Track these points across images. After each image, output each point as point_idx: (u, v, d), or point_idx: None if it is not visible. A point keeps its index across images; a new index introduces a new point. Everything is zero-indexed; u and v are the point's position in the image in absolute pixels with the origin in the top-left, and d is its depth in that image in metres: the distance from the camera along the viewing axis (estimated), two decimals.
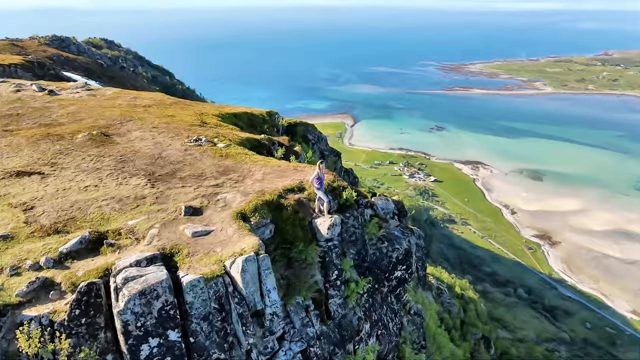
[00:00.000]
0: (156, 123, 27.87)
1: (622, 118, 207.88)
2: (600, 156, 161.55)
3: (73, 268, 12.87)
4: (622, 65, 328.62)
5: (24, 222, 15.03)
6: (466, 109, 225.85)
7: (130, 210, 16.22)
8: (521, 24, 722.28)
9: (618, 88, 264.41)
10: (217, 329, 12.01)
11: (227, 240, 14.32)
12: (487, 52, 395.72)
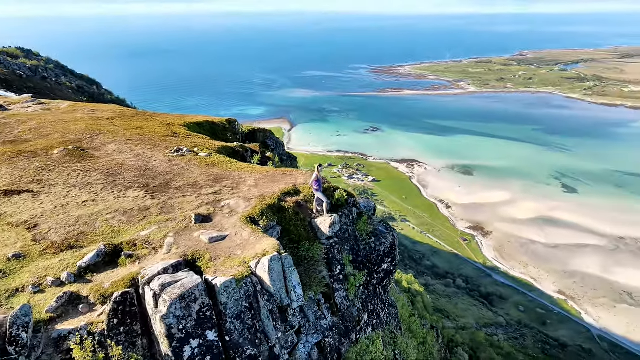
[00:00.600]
0: (128, 135, 27.67)
1: (539, 113, 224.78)
2: (522, 149, 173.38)
3: (96, 281, 13.23)
4: (535, 65, 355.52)
5: (32, 240, 15.02)
6: (398, 109, 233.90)
7: (138, 222, 16.60)
8: (443, 27, 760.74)
9: (533, 85, 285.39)
10: (249, 327, 12.78)
11: (244, 244, 15.09)
12: (415, 55, 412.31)
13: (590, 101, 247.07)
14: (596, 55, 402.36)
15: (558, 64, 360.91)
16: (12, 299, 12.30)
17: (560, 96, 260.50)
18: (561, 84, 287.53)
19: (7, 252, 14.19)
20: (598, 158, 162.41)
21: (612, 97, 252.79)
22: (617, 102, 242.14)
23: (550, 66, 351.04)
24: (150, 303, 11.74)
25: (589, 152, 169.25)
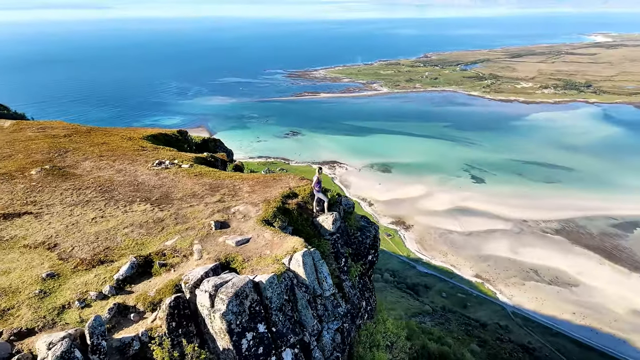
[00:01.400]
0: (97, 152, 27.36)
1: (446, 110, 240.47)
2: (434, 145, 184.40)
3: (137, 291, 13.81)
4: (439, 66, 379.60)
5: (59, 259, 15.18)
6: (317, 112, 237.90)
7: (158, 233, 17.05)
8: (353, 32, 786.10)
9: (439, 85, 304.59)
10: (289, 317, 13.99)
11: (270, 244, 16.22)
12: (328, 58, 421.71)
13: (489, 98, 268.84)
14: (491, 56, 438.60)
15: (459, 64, 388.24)
16: (63, 316, 12.65)
17: (464, 94, 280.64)
18: (463, 82, 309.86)
19: (39, 273, 14.34)
20: (500, 149, 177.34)
21: (507, 93, 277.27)
22: (512, 98, 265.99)
23: (452, 66, 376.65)
24: (205, 304, 12.69)
25: (492, 144, 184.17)
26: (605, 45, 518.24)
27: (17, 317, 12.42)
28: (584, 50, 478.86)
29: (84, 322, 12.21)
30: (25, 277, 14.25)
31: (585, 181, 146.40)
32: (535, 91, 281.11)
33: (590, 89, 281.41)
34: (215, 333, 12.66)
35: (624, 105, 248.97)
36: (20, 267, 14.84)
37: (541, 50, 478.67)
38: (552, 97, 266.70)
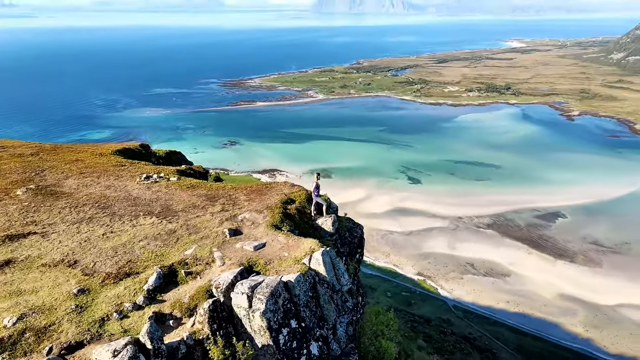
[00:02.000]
0: (76, 169, 26.61)
1: (381, 115, 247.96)
2: (371, 149, 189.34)
3: (169, 299, 14.44)
4: (371, 72, 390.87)
5: (84, 275, 15.41)
6: (254, 121, 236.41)
7: (174, 244, 17.54)
8: (288, 40, 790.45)
9: (372, 90, 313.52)
10: (314, 313, 15.13)
11: (285, 246, 17.22)
12: (263, 67, 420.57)
13: (420, 102, 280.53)
14: (419, 62, 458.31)
15: (390, 70, 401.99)
16: (105, 327, 13.13)
17: (396, 99, 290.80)
18: (395, 87, 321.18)
19: (68, 289, 14.62)
20: (433, 150, 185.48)
21: (436, 97, 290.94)
22: (441, 101, 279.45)
23: (384, 72, 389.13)
24: (242, 305, 13.73)
25: (425, 146, 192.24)
26: (520, 50, 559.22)
27: (60, 332, 12.75)
28: (502, 55, 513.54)
29: (127, 332, 12.97)
30: (55, 295, 14.52)
31: (511, 177, 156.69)
32: (461, 94, 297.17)
33: (510, 91, 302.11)
34: (254, 331, 13.74)
35: (540, 105, 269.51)
36: (47, 285, 15.03)
37: (464, 55, 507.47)
38: (477, 99, 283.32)
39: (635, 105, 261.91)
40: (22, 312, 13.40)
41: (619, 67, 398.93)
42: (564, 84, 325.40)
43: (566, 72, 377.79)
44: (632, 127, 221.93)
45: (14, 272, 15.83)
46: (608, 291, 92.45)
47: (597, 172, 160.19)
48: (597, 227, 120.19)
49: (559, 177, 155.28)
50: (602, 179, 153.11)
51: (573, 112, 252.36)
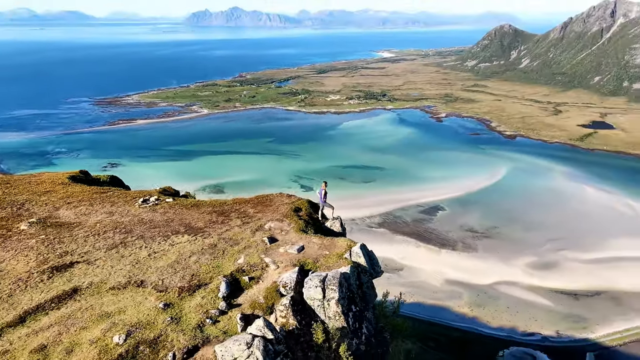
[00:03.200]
0: (55, 200, 25.70)
1: (268, 126, 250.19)
2: (262, 161, 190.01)
3: (244, 302, 15.89)
4: (255, 84, 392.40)
5: (158, 292, 16.11)
6: (136, 140, 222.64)
7: (222, 255, 18.84)
8: (166, 54, 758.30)
9: (258, 102, 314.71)
10: (361, 297, 17.33)
11: (322, 246, 19.45)
12: (141, 83, 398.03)
13: (305, 111, 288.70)
14: (300, 72, 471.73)
15: (273, 81, 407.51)
16: (206, 332, 14.36)
17: (282, 109, 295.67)
18: (279, 99, 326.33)
19: (153, 305, 15.43)
20: (322, 158, 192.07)
21: (320, 106, 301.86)
22: (325, 110, 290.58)
23: (267, 84, 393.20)
24: (316, 296, 15.89)
25: (314, 154, 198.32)
26: (391, 60, 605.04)
27: (171, 341, 13.73)
28: (375, 64, 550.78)
29: (226, 332, 14.43)
30: (144, 311, 15.28)
31: (395, 177, 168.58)
32: (343, 102, 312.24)
33: (386, 98, 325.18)
34: (328, 318, 15.99)
35: (412, 109, 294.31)
36: (130, 305, 15.70)
37: (342, 66, 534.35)
38: (358, 106, 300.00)
39: (489, 105, 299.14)
40: (127, 330, 14.26)
41: (473, 73, 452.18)
42: (431, 90, 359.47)
43: (431, 79, 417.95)
44: (489, 125, 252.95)
45: (87, 298, 16.28)
46: (485, 272, 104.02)
47: (466, 167, 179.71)
48: (471, 216, 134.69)
49: (436, 174, 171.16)
50: (471, 173, 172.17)
51: (441, 114, 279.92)
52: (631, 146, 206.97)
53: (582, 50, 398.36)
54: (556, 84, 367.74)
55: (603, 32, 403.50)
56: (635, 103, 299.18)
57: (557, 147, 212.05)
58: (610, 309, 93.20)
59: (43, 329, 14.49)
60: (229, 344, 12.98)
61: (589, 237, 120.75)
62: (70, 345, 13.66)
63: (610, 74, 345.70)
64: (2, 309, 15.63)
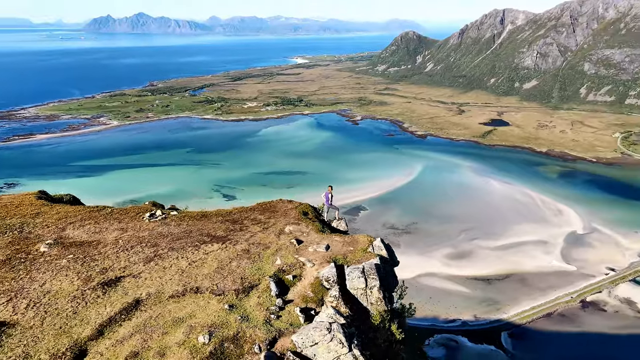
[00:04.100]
0: (55, 220, 25.33)
1: (185, 135, 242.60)
2: (181, 171, 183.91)
3: (294, 297, 17.74)
4: (168, 93, 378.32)
5: (216, 295, 17.45)
6: (37, 157, 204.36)
7: (259, 259, 19.90)
8: (66, 63, 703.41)
9: (172, 112, 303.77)
10: (387, 284, 19.68)
11: (346, 243, 21.72)
12: (38, 94, 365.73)
13: (222, 119, 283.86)
14: (215, 80, 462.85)
15: (187, 90, 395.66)
16: (275, 325, 15.77)
17: (198, 118, 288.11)
18: (195, 107, 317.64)
19: (219, 307, 16.37)
20: (243, 165, 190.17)
21: (237, 113, 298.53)
22: (242, 117, 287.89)
23: (181, 93, 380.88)
24: (359, 286, 18.19)
25: (234, 162, 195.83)
26: (305, 66, 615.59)
27: (250, 336, 15.11)
28: (290, 71, 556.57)
29: (292, 324, 15.94)
30: (213, 313, 16.32)
31: (317, 180, 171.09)
32: (260, 109, 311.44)
33: (303, 103, 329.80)
34: (371, 304, 18.20)
35: (329, 113, 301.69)
36: (198, 309, 16.62)
37: (257, 73, 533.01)
38: (275, 112, 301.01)
39: (401, 107, 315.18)
40: (208, 330, 15.30)
41: (384, 77, 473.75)
42: (346, 94, 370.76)
43: (345, 83, 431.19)
44: (402, 126, 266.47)
45: (152, 307, 16.84)
46: (408, 266, 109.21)
47: (383, 167, 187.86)
48: (391, 214, 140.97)
49: (356, 175, 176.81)
50: (388, 172, 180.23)
51: (356, 117, 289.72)
52: (525, 140, 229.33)
53: (478, 55, 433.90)
54: (458, 85, 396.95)
55: (495, 37, 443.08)
56: (526, 101, 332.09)
57: (463, 144, 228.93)
58: (518, 290, 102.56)
59: (126, 338, 15.28)
60: (308, 332, 14.67)
61: (496, 225, 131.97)
62: (160, 349, 14.71)
63: (504, 75, 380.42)
64: (74, 325, 15.89)
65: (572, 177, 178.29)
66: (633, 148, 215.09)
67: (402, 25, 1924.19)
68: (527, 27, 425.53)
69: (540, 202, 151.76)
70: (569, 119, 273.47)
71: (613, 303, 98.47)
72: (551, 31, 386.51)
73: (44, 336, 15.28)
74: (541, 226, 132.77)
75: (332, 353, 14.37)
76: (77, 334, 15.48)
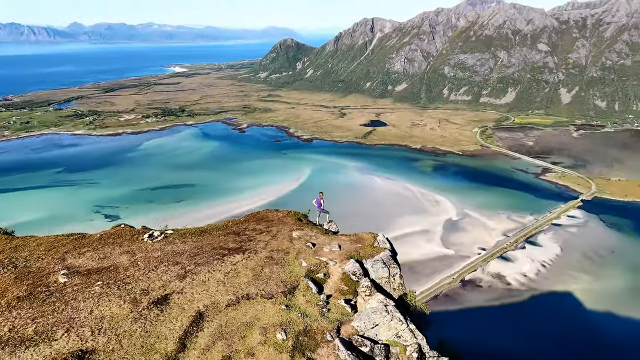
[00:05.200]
0: (44, 250, 24.18)
1: (54, 154, 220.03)
2: (53, 194, 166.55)
3: (331, 291, 19.98)
4: (27, 108, 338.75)
5: (267, 299, 18.79)
6: None
7: (286, 264, 21.94)
8: None
9: (34, 129, 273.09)
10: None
11: (353, 241, 24.49)
12: None
13: (97, 134, 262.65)
14: (84, 92, 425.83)
15: (51, 104, 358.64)
16: (331, 317, 18.02)
17: (67, 134, 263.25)
18: (63, 122, 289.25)
19: (277, 308, 18.12)
20: (125, 182, 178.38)
21: (114, 127, 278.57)
22: (120, 131, 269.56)
23: (44, 107, 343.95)
24: (383, 275, 21.05)
25: (115, 179, 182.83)
26: (184, 75, 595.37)
27: (318, 328, 16.93)
28: (168, 80, 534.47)
29: (343, 315, 18.09)
30: (275, 314, 17.59)
31: (207, 192, 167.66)
32: (139, 121, 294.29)
33: (185, 113, 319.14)
34: (393, 289, 21.06)
35: (214, 122, 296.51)
36: (259, 313, 17.75)
37: (132, 83, 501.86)
38: (157, 124, 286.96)
39: (285, 113, 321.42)
40: (284, 328, 16.81)
41: (266, 84, 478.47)
42: (230, 102, 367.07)
43: (228, 91, 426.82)
44: (288, 131, 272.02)
45: (215, 317, 17.59)
46: None
47: (274, 173, 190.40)
48: None
49: (247, 183, 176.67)
50: (279, 178, 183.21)
51: (242, 125, 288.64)
52: (401, 139, 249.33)
53: (353, 60, 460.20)
54: (337, 90, 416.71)
55: (367, 44, 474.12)
56: (399, 103, 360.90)
57: (347, 145, 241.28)
58: (408, 279, 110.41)
59: (210, 346, 16.03)
60: (368, 316, 17.16)
61: (383, 220, 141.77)
62: (247, 350, 15.83)
63: (378, 79, 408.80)
64: (155, 342, 16.09)
65: (444, 170, 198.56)
66: (490, 140, 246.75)
67: (279, 32, 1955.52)
68: (394, 34, 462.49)
69: (419, 194, 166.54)
70: (437, 117, 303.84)
71: (487, 279, 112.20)
72: (415, 38, 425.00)
73: (132, 356, 15.54)
74: (422, 217, 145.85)
75: (392, 330, 16.87)
76: (163, 349, 15.89)
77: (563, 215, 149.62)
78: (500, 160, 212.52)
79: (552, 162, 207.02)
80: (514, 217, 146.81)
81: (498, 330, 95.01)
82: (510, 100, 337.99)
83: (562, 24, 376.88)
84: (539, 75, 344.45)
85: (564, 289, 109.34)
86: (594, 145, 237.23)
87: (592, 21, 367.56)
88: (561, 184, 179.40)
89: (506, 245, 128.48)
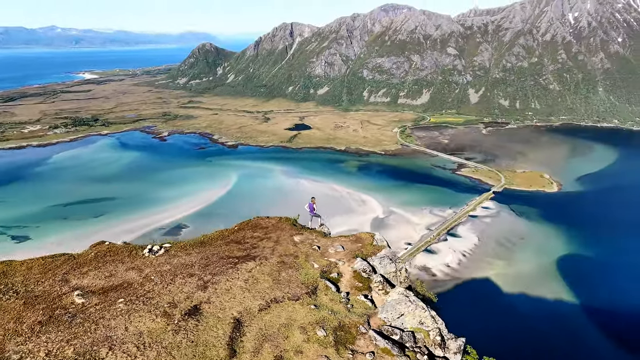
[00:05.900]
0: (41, 273, 22.83)
1: None
2: None
3: (348, 288, 21.42)
4: None
5: (294, 301, 19.78)
6: None
7: (299, 267, 22.82)
8: None
9: None
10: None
11: (353, 242, 26.43)
12: None
13: None
14: None
15: None
16: (357, 312, 19.29)
17: None
18: None
19: (307, 309, 19.13)
20: (33, 200, 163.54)
21: (16, 139, 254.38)
22: (24, 144, 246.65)
23: None
24: (390, 270, 22.74)
25: (21, 197, 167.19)
26: (96, 82, 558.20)
27: (349, 322, 18.30)
28: (78, 87, 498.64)
29: (366, 309, 19.53)
30: (307, 314, 18.77)
31: (129, 205, 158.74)
32: (46, 132, 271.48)
33: (99, 122, 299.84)
34: (400, 282, 22.35)
35: (132, 131, 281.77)
36: (291, 314, 18.81)
37: (35, 91, 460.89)
38: (67, 135, 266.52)
39: (208, 120, 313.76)
40: (321, 325, 17.74)
41: (186, 90, 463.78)
42: (148, 110, 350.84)
43: (146, 99, 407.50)
44: (212, 138, 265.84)
45: (252, 321, 18.14)
46: None
47: (200, 181, 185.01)
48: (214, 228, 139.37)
49: (172, 193, 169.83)
50: (205, 186, 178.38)
51: (163, 133, 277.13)
52: (326, 141, 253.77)
53: (275, 65, 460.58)
54: (260, 95, 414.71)
55: (287, 49, 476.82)
56: (321, 106, 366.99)
57: (272, 149, 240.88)
58: None
59: (258, 349, 16.56)
60: (394, 307, 18.57)
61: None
62: (294, 349, 16.56)
63: (300, 83, 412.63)
64: (205, 351, 16.27)
65: (368, 169, 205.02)
66: (409, 139, 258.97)
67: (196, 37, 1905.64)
68: (313, 39, 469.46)
69: (346, 194, 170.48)
70: (359, 119, 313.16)
71: (414, 272, 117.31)
72: (333, 43, 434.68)
73: None
74: (350, 216, 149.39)
75: (417, 318, 18.25)
76: (215, 356, 16.14)
77: (478, 207, 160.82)
78: (420, 158, 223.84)
79: (466, 158, 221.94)
80: (435, 212, 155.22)
81: None
82: (425, 101, 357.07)
83: (467, 30, 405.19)
84: (449, 77, 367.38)
85: (482, 275, 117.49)
86: (501, 140, 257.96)
87: (492, 27, 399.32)
88: (475, 177, 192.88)
89: (430, 239, 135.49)
